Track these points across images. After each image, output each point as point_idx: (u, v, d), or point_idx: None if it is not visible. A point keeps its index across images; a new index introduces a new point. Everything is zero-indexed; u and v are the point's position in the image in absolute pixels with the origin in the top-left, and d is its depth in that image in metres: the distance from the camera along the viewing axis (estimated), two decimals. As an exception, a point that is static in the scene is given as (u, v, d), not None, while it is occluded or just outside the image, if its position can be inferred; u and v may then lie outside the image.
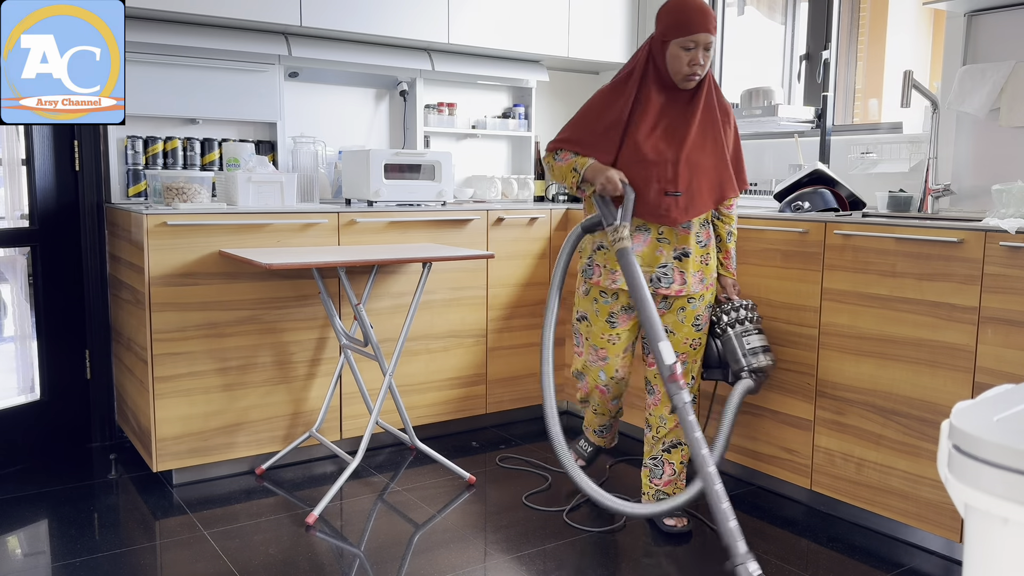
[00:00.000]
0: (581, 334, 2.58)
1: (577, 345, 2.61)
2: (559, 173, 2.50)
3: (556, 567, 2.29)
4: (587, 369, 2.57)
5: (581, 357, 2.59)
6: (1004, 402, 0.83)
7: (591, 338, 2.53)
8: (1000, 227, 2.10)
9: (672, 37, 2.32)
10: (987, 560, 0.76)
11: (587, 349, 2.55)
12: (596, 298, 2.50)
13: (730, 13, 3.87)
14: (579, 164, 2.42)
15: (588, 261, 2.53)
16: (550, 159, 2.53)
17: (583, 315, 2.56)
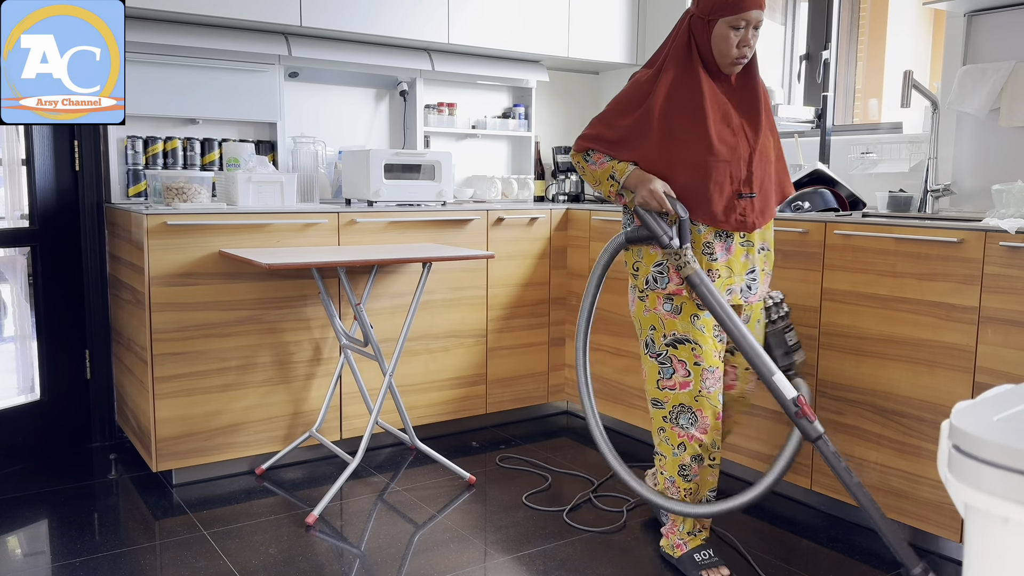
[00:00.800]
0: (681, 361, 2.15)
1: (669, 376, 2.17)
2: (592, 177, 2.22)
3: (556, 567, 2.29)
4: (702, 400, 2.15)
5: (688, 389, 2.15)
6: (1004, 402, 0.83)
7: (703, 360, 2.14)
8: (1000, 227, 2.10)
9: (719, 15, 2.04)
10: (987, 560, 0.76)
11: (697, 376, 2.15)
12: (695, 313, 2.14)
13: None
14: (617, 171, 2.13)
15: (658, 270, 2.16)
16: (580, 160, 2.25)
17: (681, 338, 2.15)
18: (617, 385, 3.32)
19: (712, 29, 2.07)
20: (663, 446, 2.22)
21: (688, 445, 2.17)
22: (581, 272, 3.47)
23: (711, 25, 2.07)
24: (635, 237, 2.16)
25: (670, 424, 2.19)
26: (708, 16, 2.07)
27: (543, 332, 3.52)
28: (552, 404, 3.71)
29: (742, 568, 2.29)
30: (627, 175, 2.12)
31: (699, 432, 2.17)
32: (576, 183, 4.00)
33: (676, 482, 2.22)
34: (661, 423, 2.21)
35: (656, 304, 2.17)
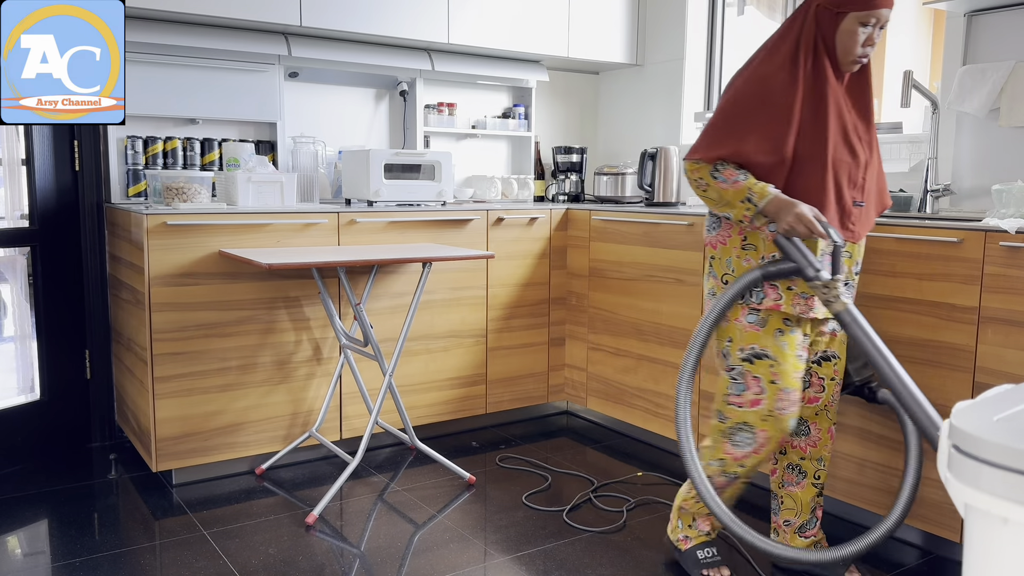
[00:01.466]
0: (757, 377, 2.01)
1: (740, 393, 2.03)
2: (717, 196, 1.97)
3: (556, 567, 2.29)
4: (770, 421, 2.01)
5: (759, 407, 2.01)
6: (1004, 402, 0.83)
7: (780, 379, 1.99)
8: (1000, 227, 2.10)
9: (851, 9, 1.91)
10: (987, 560, 0.76)
11: (772, 395, 2.00)
12: (780, 328, 2.00)
13: (730, 13, 3.87)
14: (756, 193, 1.91)
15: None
16: (704, 175, 1.98)
17: (760, 353, 2.00)
18: (617, 385, 3.32)
19: (840, 22, 1.93)
20: (706, 452, 2.11)
21: (729, 464, 2.07)
22: (581, 272, 3.48)
23: (839, 18, 1.93)
24: (775, 272, 1.93)
25: (724, 439, 2.07)
26: (838, 8, 1.93)
27: (543, 332, 3.52)
28: (552, 404, 3.71)
29: (742, 568, 2.29)
30: (767, 200, 1.91)
31: (748, 456, 2.04)
32: (576, 183, 4.00)
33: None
34: (716, 436, 2.09)
35: (739, 315, 2.03)
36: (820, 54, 1.96)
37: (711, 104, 3.91)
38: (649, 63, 4.04)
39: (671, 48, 3.93)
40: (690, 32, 3.86)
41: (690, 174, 2.02)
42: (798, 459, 2.22)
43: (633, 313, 3.22)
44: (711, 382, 2.91)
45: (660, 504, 2.71)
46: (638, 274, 3.19)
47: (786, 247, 1.93)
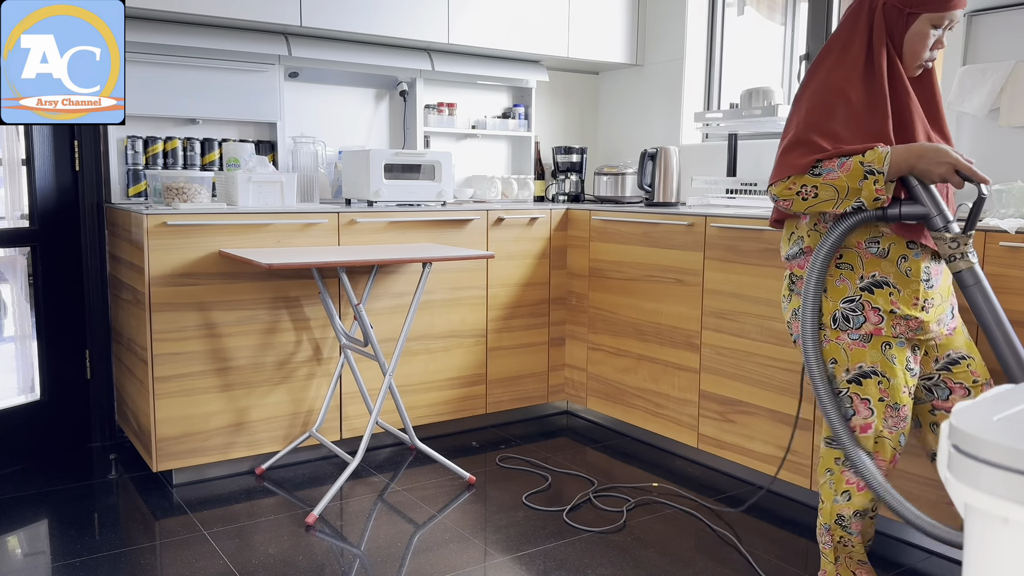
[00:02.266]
0: (865, 399, 1.85)
1: (849, 417, 1.87)
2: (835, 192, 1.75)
3: (556, 567, 2.29)
4: (882, 442, 1.86)
5: (869, 432, 1.85)
6: (1004, 402, 0.83)
7: (891, 396, 1.84)
8: (1000, 227, 2.10)
9: (924, 9, 1.78)
10: (987, 560, 0.76)
11: (882, 413, 1.85)
12: (888, 342, 1.84)
13: (730, 13, 3.87)
14: (873, 160, 1.72)
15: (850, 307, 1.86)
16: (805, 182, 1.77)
17: (868, 371, 1.84)
18: (617, 385, 3.32)
19: (911, 23, 1.81)
20: (825, 489, 1.95)
21: (855, 495, 1.91)
22: (581, 272, 3.48)
23: (911, 19, 1.81)
24: (898, 214, 1.74)
25: (840, 468, 1.91)
26: (910, 8, 1.80)
27: (543, 332, 3.53)
28: (552, 404, 3.72)
29: (742, 568, 2.30)
30: (887, 156, 1.71)
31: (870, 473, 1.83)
32: (576, 183, 4.00)
33: (831, 530, 1.97)
34: (831, 464, 1.93)
35: (840, 334, 1.87)
36: (892, 56, 1.84)
37: (711, 104, 3.91)
38: (649, 63, 4.04)
39: (671, 48, 3.93)
40: (690, 32, 3.86)
41: (784, 193, 1.81)
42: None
43: (633, 313, 3.22)
44: (712, 383, 2.91)
45: (660, 504, 2.71)
46: (638, 274, 3.19)
47: (916, 190, 1.72)
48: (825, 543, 2.00)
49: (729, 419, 2.85)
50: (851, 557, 1.98)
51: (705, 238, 2.90)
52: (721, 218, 2.85)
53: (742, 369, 2.80)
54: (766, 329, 2.70)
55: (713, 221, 2.87)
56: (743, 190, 3.36)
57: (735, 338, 2.81)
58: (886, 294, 1.83)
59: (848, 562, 1.99)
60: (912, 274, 1.83)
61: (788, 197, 1.82)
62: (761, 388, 2.74)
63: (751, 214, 2.79)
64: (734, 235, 2.80)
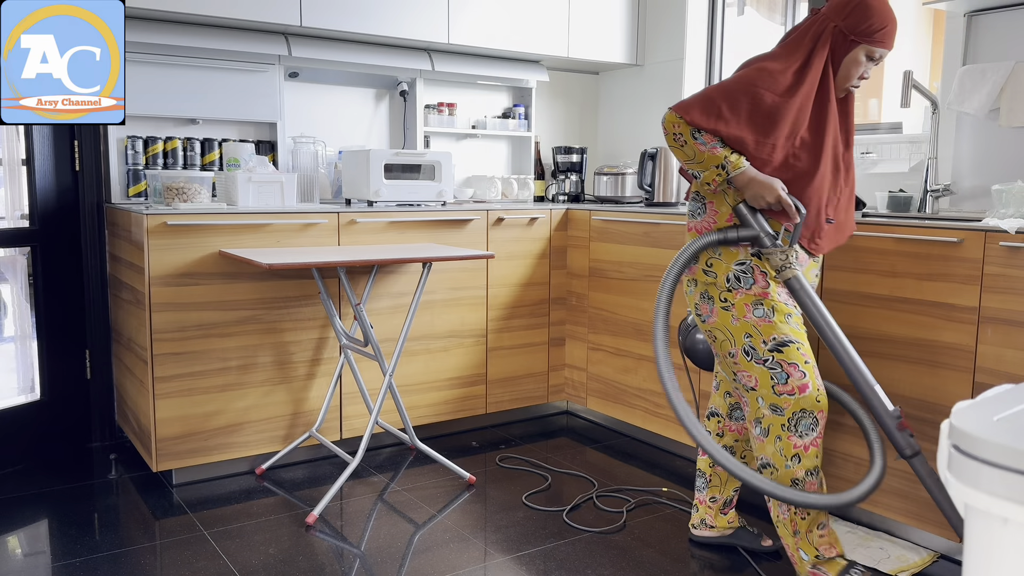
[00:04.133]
0: (792, 363, 2.04)
1: (785, 381, 2.04)
2: (692, 155, 2.03)
3: (556, 567, 2.29)
4: (822, 400, 2.06)
5: (807, 392, 2.04)
6: (1004, 402, 0.83)
7: (811, 359, 2.07)
8: (1000, 227, 2.11)
9: (866, 40, 2.03)
10: (987, 560, 0.76)
11: (812, 374, 2.05)
12: (789, 313, 2.06)
13: (730, 13, 3.87)
14: (731, 163, 2.00)
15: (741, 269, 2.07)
16: (685, 132, 2.02)
17: (785, 340, 2.04)
18: (617, 385, 3.32)
19: (850, 50, 2.05)
20: (776, 457, 2.07)
21: (804, 456, 2.05)
22: (581, 272, 3.48)
23: (851, 46, 2.04)
24: (735, 237, 2.04)
25: (788, 432, 2.05)
26: (854, 35, 2.03)
27: (543, 332, 3.53)
28: (552, 404, 3.72)
29: (743, 568, 2.30)
30: (741, 171, 2.00)
31: (816, 440, 2.05)
32: (576, 183, 4.00)
33: None
34: (779, 431, 2.06)
35: (745, 312, 2.05)
36: (828, 73, 2.06)
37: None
38: (649, 63, 4.05)
39: (671, 48, 3.93)
40: (690, 32, 3.86)
41: (669, 126, 2.05)
42: (732, 441, 2.35)
43: (633, 313, 3.22)
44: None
45: (660, 504, 2.71)
46: (638, 274, 3.19)
47: (746, 216, 2.05)
48: (782, 512, 2.13)
49: (729, 419, 2.84)
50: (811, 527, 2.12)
51: (705, 238, 2.90)
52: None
53: (742, 369, 2.79)
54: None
55: (713, 221, 2.87)
56: (743, 190, 3.35)
57: (735, 338, 2.81)
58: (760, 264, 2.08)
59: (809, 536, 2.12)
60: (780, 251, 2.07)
61: (669, 129, 2.05)
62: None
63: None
64: (734, 235, 2.79)
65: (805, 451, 2.05)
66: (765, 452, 2.09)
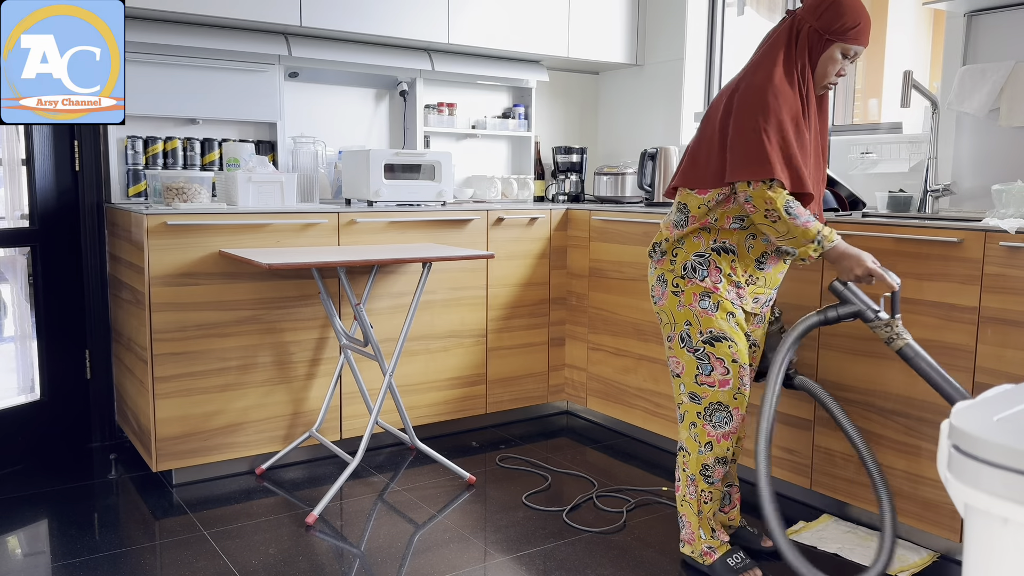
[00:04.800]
0: (719, 358, 2.13)
1: (708, 373, 2.14)
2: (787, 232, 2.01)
3: (556, 567, 2.29)
4: (740, 398, 2.16)
5: (727, 387, 2.14)
6: (1004, 402, 0.83)
7: (740, 358, 2.14)
8: (1000, 227, 2.10)
9: (840, 39, 2.07)
10: (987, 560, 0.76)
11: (736, 373, 2.14)
12: (732, 312, 2.13)
13: (730, 13, 3.87)
14: (825, 237, 2.01)
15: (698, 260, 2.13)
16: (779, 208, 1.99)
17: (719, 336, 2.12)
18: (617, 385, 3.32)
19: (826, 48, 2.08)
20: (690, 442, 2.19)
21: (716, 445, 2.17)
22: (581, 272, 3.48)
23: (827, 44, 2.08)
24: (834, 317, 2.10)
25: (703, 421, 2.16)
26: (829, 34, 2.07)
27: (543, 332, 3.53)
28: (552, 404, 3.71)
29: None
30: (834, 246, 2.03)
31: (728, 433, 2.17)
32: (576, 183, 4.00)
33: (696, 480, 2.21)
34: (694, 418, 2.17)
35: (692, 300, 2.13)
36: (807, 74, 2.10)
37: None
38: (649, 63, 4.04)
39: (671, 48, 3.93)
40: (690, 32, 3.86)
41: (761, 204, 2.01)
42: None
43: (633, 313, 3.22)
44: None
45: (660, 504, 2.71)
46: (638, 274, 3.19)
47: (844, 293, 2.09)
48: (690, 493, 2.23)
49: (729, 419, 2.84)
50: (712, 515, 2.24)
51: (705, 238, 2.90)
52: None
53: (742, 369, 2.79)
54: (766, 329, 2.70)
55: (713, 221, 2.87)
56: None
57: (735, 338, 2.81)
58: (728, 260, 2.13)
59: (711, 520, 2.25)
60: (752, 251, 2.13)
61: (760, 205, 2.01)
62: (761, 388, 2.73)
63: (751, 214, 2.78)
64: (734, 235, 2.79)
65: (718, 441, 2.17)
66: (681, 436, 2.22)
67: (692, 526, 2.26)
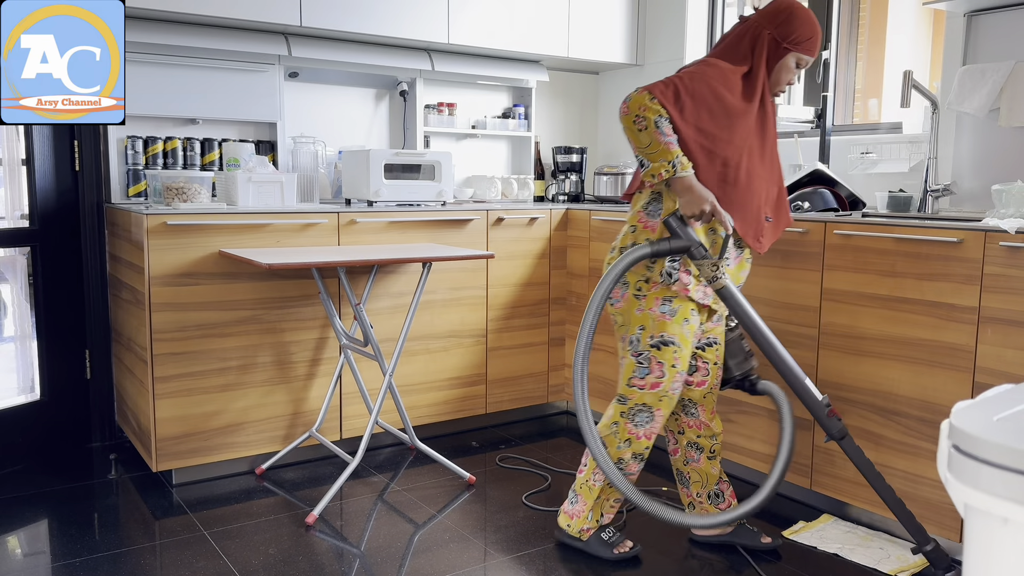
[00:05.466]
0: (661, 362, 2.19)
1: (643, 377, 2.21)
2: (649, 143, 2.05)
3: (556, 567, 2.29)
4: (665, 400, 2.22)
5: (657, 390, 2.21)
6: (1004, 402, 0.83)
7: (680, 364, 2.20)
8: (1000, 227, 2.10)
9: (796, 48, 2.17)
10: (987, 560, 0.76)
11: (671, 378, 2.20)
12: (687, 317, 2.19)
13: (730, 13, 3.87)
14: (681, 163, 2.05)
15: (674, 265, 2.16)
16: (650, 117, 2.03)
17: (668, 340, 2.18)
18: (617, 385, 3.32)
19: (782, 56, 2.18)
20: (610, 438, 2.26)
21: (635, 442, 2.25)
22: (581, 272, 3.47)
23: (783, 52, 2.18)
24: (667, 249, 2.10)
25: (625, 420, 2.25)
26: (786, 42, 2.17)
27: (543, 332, 3.52)
28: (552, 404, 3.71)
29: (742, 568, 2.30)
30: (686, 174, 2.06)
31: (648, 434, 2.25)
32: (576, 183, 4.00)
33: None
34: (618, 417, 2.26)
35: (653, 305, 2.18)
36: (765, 77, 2.19)
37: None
38: (649, 63, 4.04)
39: (671, 48, 3.93)
40: (690, 32, 3.86)
41: (635, 107, 2.06)
42: (695, 437, 2.38)
43: (633, 313, 3.22)
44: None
45: (660, 504, 2.71)
46: (638, 274, 3.18)
47: (678, 228, 2.10)
48: (596, 481, 2.31)
49: (729, 419, 2.85)
50: (609, 498, 2.33)
51: (705, 238, 2.90)
52: (721, 218, 2.85)
53: (742, 369, 2.79)
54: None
55: (713, 221, 2.87)
56: (743, 190, 3.35)
57: (735, 338, 2.81)
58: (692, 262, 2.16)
59: (605, 504, 2.34)
60: (715, 247, 2.18)
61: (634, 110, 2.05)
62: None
63: (751, 214, 2.78)
64: (734, 235, 2.80)
65: (637, 439, 2.24)
66: (600, 429, 2.28)
67: (585, 507, 2.34)
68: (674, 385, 2.22)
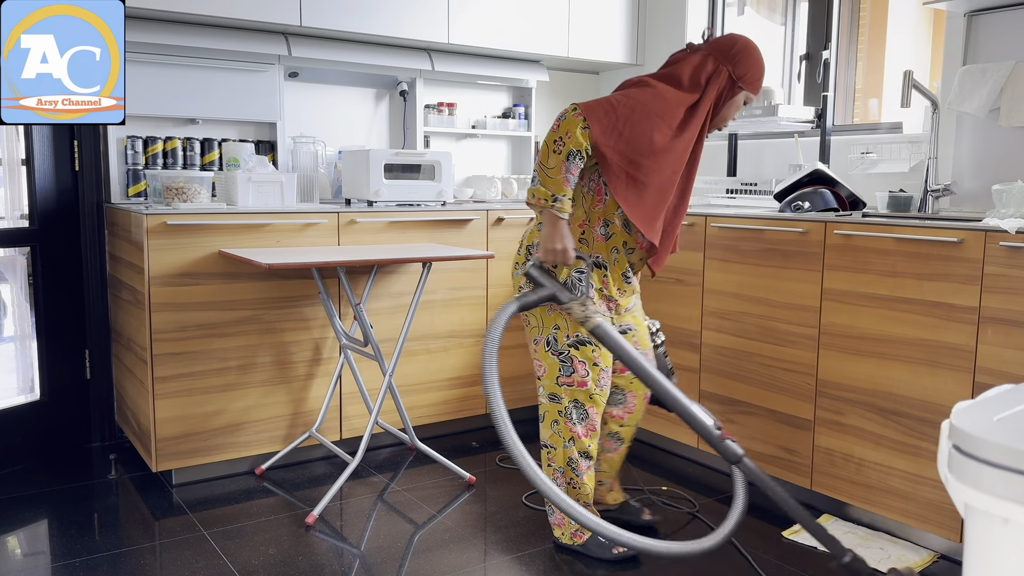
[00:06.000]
0: (582, 361, 2.26)
1: (569, 375, 2.27)
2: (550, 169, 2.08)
3: (556, 567, 2.29)
4: (596, 397, 2.29)
5: (585, 388, 2.27)
6: (1004, 402, 0.83)
7: (601, 360, 2.26)
8: (1000, 227, 2.11)
9: (747, 87, 2.23)
10: (987, 560, 0.76)
11: (596, 375, 2.26)
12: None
13: (730, 13, 3.86)
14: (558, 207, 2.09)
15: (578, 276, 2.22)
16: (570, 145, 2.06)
17: (585, 340, 2.24)
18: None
19: (735, 93, 2.23)
20: (555, 439, 2.31)
21: (578, 440, 2.30)
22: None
23: (736, 91, 2.22)
24: (534, 301, 2.12)
25: (564, 419, 2.30)
26: (741, 82, 2.21)
27: (543, 332, 3.52)
28: (552, 404, 3.71)
29: (742, 568, 2.30)
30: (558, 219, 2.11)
31: (587, 430, 2.30)
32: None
33: (564, 472, 2.32)
34: (556, 416, 2.31)
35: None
36: (708, 112, 2.21)
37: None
38: (649, 63, 4.04)
39: (671, 48, 3.92)
40: (690, 32, 3.85)
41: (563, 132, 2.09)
42: (617, 427, 2.44)
43: (633, 313, 3.22)
44: (712, 383, 2.91)
45: (661, 504, 2.71)
46: (638, 274, 3.18)
47: (540, 277, 2.14)
48: (560, 485, 2.33)
49: (729, 419, 2.85)
50: (578, 499, 2.32)
51: (705, 238, 2.90)
52: (721, 218, 2.85)
53: (742, 369, 2.80)
54: (766, 329, 2.70)
55: (713, 221, 2.87)
56: (743, 190, 3.36)
57: (735, 338, 2.81)
58: (601, 274, 2.27)
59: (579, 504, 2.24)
60: (619, 265, 2.27)
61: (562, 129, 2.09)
62: (761, 388, 2.74)
63: (751, 214, 2.79)
64: (734, 235, 2.80)
65: (579, 436, 2.29)
66: (544, 435, 2.34)
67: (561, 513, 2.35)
68: (601, 382, 2.28)
